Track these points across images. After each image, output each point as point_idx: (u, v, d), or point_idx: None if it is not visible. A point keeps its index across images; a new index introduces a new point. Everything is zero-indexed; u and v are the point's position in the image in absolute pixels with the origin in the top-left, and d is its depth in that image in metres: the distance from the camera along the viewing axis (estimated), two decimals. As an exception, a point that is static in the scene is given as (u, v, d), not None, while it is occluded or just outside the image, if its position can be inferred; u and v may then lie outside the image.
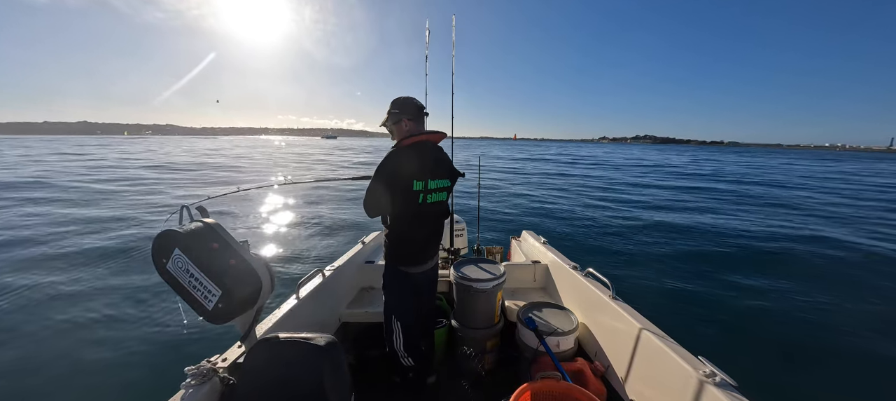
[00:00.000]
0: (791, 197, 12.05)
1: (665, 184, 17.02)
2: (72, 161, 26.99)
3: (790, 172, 29.87)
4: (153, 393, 3.22)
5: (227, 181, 17.14)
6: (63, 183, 15.40)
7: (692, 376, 1.40)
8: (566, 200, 11.50)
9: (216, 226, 1.29)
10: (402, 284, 1.99)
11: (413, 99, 1.93)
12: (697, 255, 6.31)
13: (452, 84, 3.29)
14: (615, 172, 22.10)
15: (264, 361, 1.31)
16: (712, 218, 8.96)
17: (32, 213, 9.82)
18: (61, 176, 17.72)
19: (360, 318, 2.57)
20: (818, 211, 9.60)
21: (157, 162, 26.92)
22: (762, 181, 19.67)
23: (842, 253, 6.29)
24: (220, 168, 23.74)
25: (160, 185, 15.64)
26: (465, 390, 2.31)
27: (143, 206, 10.99)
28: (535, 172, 22.41)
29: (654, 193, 13.02)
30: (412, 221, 1.90)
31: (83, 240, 8.06)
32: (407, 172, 1.80)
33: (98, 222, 9.00)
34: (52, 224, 8.74)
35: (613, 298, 2.01)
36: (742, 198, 10.79)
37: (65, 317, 4.67)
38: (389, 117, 1.92)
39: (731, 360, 2.97)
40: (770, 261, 5.95)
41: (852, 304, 4.51)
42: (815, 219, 8.77)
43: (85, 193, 12.96)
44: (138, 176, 18.35)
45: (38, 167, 21.88)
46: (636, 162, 34.79)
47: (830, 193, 13.36)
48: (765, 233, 7.54)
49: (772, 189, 14.31)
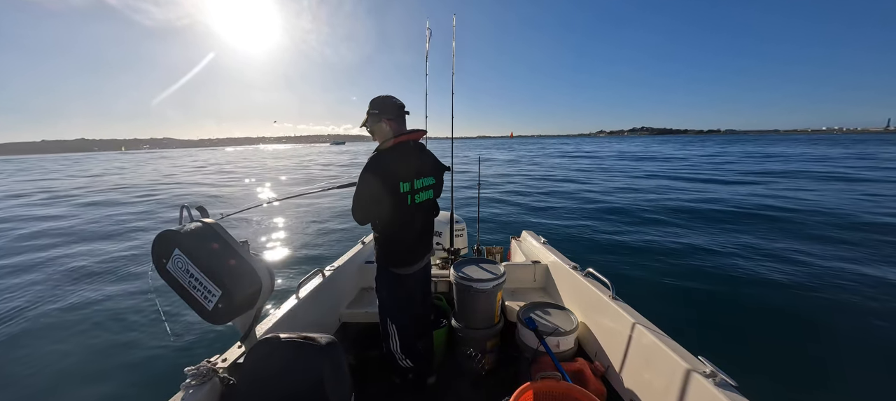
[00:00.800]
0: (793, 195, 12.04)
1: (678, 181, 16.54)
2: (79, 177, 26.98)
3: (790, 156, 29.61)
4: (153, 393, 3.23)
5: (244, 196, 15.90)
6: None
7: (692, 375, 1.40)
8: (569, 204, 11.51)
9: (216, 226, 1.29)
10: (395, 286, 1.98)
11: (392, 98, 1.88)
12: (698, 255, 6.31)
13: (452, 84, 3.29)
14: (612, 173, 22.09)
15: (264, 361, 1.31)
16: (713, 219, 8.96)
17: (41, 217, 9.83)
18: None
19: (360, 318, 2.57)
20: (820, 209, 9.60)
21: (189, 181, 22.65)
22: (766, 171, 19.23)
23: (847, 252, 6.29)
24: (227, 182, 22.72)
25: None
26: (465, 391, 2.31)
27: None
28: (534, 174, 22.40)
29: (665, 192, 12.91)
30: (401, 223, 1.87)
31: (82, 239, 8.07)
32: (392, 174, 1.78)
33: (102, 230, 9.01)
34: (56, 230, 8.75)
35: (613, 299, 2.01)
36: (747, 207, 10.79)
37: (65, 317, 4.68)
38: (369, 118, 1.87)
39: (731, 360, 2.96)
40: (770, 261, 5.95)
41: (855, 303, 4.51)
42: (816, 217, 8.77)
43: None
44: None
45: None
46: (645, 155, 33.94)
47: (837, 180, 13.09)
48: (765, 235, 7.55)
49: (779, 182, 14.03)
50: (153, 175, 26.79)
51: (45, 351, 3.98)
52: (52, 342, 4.13)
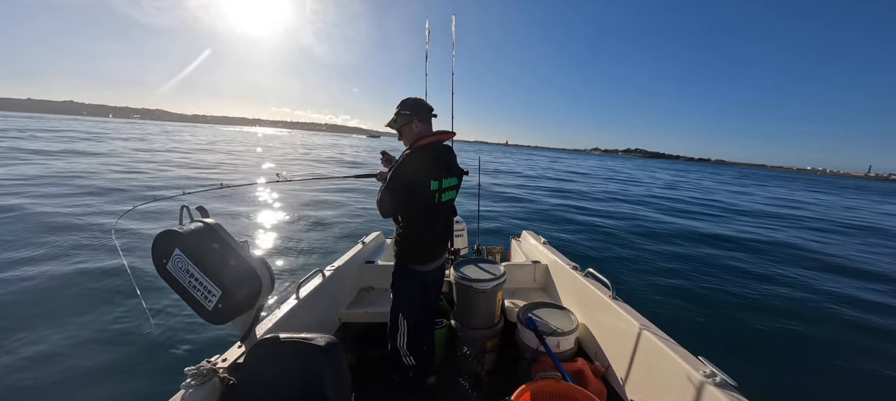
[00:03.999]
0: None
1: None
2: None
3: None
4: (154, 394, 3.23)
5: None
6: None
7: (692, 376, 1.40)
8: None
9: (216, 226, 1.29)
10: (412, 282, 2.03)
11: (423, 100, 1.98)
12: (698, 254, 6.31)
13: (452, 85, 3.29)
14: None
15: (264, 361, 1.31)
16: (713, 221, 8.97)
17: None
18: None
19: (360, 318, 2.57)
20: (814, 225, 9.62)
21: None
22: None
23: (842, 257, 6.29)
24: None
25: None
26: (465, 391, 2.31)
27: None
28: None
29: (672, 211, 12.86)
30: (427, 220, 1.96)
31: (83, 241, 8.04)
32: (425, 173, 1.85)
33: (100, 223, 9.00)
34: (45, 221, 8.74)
35: (613, 299, 2.01)
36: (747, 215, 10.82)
37: (65, 318, 4.67)
38: (400, 118, 1.95)
39: (731, 360, 2.96)
40: (770, 261, 5.95)
41: (854, 304, 4.51)
42: (810, 230, 8.79)
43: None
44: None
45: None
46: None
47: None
48: (765, 236, 7.55)
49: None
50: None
51: (44, 351, 3.98)
52: (51, 343, 4.13)
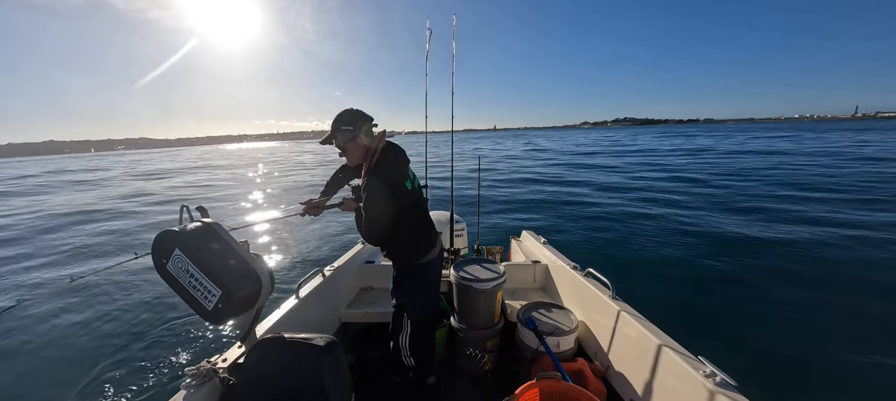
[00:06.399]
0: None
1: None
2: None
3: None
4: (154, 394, 3.23)
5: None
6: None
7: (692, 375, 1.40)
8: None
9: (216, 226, 1.29)
10: (419, 278, 2.02)
11: (360, 110, 1.82)
12: (698, 255, 6.31)
13: (452, 85, 3.31)
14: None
15: (264, 361, 1.31)
16: (712, 216, 8.96)
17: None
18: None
19: (360, 318, 2.57)
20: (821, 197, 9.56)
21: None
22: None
23: (846, 250, 6.29)
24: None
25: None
26: (465, 391, 2.31)
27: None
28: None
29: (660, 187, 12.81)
30: (419, 209, 1.99)
31: (82, 240, 8.07)
32: (400, 174, 1.86)
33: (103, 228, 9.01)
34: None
35: (613, 299, 2.01)
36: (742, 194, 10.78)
37: (65, 317, 4.68)
38: (342, 135, 1.76)
39: (731, 360, 2.95)
40: (771, 261, 5.95)
41: (854, 302, 4.51)
42: (816, 206, 8.77)
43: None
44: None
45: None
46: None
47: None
48: (765, 233, 7.54)
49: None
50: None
51: (44, 351, 3.98)
52: (52, 343, 4.13)
